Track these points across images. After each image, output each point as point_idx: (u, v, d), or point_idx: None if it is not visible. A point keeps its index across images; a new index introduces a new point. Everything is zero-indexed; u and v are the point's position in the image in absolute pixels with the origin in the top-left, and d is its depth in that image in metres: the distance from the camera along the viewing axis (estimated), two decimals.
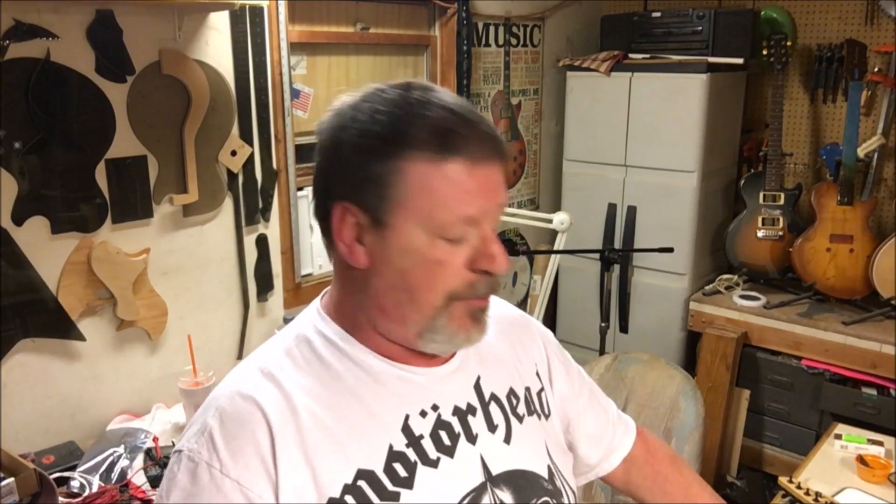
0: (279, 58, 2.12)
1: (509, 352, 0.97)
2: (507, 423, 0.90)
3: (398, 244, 0.77)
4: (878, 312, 2.55)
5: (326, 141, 0.80)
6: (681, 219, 2.81)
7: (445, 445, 0.83)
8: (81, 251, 1.77)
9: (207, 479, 0.74)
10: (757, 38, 2.75)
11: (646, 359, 2.01)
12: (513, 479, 0.87)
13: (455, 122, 0.76)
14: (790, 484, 1.66)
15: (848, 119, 2.62)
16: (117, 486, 1.58)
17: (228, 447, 0.75)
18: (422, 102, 0.76)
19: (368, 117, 0.76)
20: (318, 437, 0.77)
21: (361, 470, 0.77)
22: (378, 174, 0.75)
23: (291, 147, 2.21)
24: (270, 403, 0.77)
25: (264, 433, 0.75)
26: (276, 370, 0.81)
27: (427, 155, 0.74)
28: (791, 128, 2.95)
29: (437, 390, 0.85)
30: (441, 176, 0.74)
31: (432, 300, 0.78)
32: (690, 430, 1.84)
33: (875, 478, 1.73)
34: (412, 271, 0.77)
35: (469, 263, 0.78)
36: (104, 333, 1.86)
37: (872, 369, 2.43)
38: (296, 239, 2.27)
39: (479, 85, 2.86)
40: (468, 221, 0.76)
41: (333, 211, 0.79)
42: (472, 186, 0.75)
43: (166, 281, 1.96)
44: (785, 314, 2.63)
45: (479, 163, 0.76)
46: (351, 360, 0.82)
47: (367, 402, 0.81)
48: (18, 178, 1.65)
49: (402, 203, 0.75)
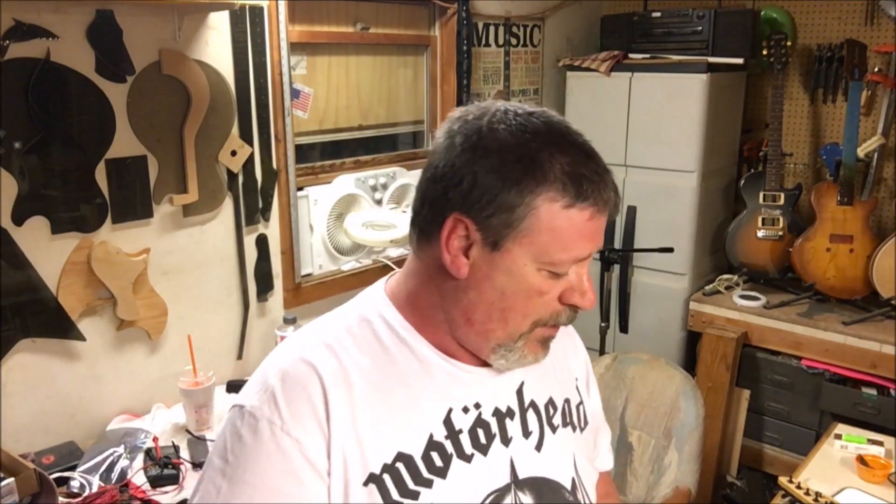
0: (279, 58, 2.12)
1: (554, 363, 0.99)
2: (541, 431, 0.94)
3: (506, 267, 0.80)
4: (878, 312, 2.55)
5: (453, 149, 0.81)
6: (681, 219, 2.81)
7: (481, 443, 0.87)
8: (81, 251, 1.77)
9: (268, 434, 0.77)
10: (757, 38, 2.75)
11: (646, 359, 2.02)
12: (537, 486, 0.90)
13: (588, 169, 0.79)
14: (790, 484, 1.66)
15: (848, 119, 2.61)
16: (117, 486, 1.58)
17: (289, 406, 0.79)
18: (561, 140, 0.80)
19: (509, 142, 0.78)
20: (367, 414, 0.81)
21: (401, 453, 0.81)
22: (509, 204, 0.78)
23: (291, 147, 2.21)
24: (329, 373, 0.81)
25: (321, 399, 0.79)
26: (336, 345, 0.84)
27: (560, 197, 0.78)
28: (791, 128, 2.95)
29: (482, 390, 0.89)
30: (567, 219, 0.78)
31: (521, 324, 0.83)
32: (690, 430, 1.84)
33: (875, 478, 1.74)
34: (512, 295, 0.82)
35: (561, 296, 0.84)
36: (104, 333, 1.86)
37: (872, 369, 2.43)
38: (296, 239, 2.27)
39: (479, 85, 2.86)
40: (575, 261, 0.82)
41: (447, 220, 0.81)
42: (589, 232, 0.81)
43: (166, 281, 1.96)
44: (785, 314, 2.63)
45: (600, 212, 0.80)
46: (407, 348, 0.86)
47: (415, 390, 0.85)
48: (18, 178, 1.65)
49: (525, 235, 0.79)
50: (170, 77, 1.86)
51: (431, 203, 0.83)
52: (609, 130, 2.92)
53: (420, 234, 0.86)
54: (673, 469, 1.83)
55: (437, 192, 0.82)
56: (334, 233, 2.42)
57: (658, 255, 2.61)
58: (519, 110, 0.82)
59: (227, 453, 0.80)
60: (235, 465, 0.78)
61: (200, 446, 1.76)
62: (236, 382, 2.10)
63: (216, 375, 1.90)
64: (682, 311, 2.86)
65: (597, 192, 0.79)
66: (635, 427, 1.94)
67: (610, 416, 1.96)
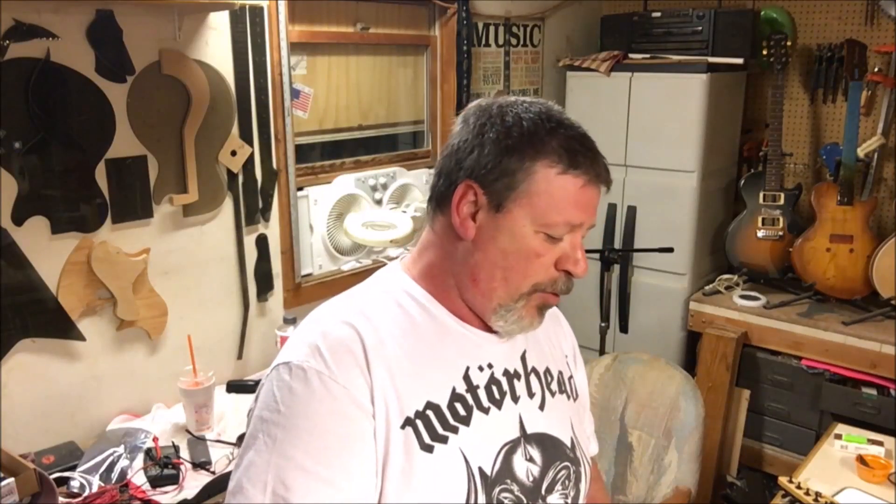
0: (279, 58, 2.12)
1: (547, 338, 1.11)
2: (543, 393, 1.04)
3: (508, 228, 0.90)
4: (878, 312, 2.55)
5: (468, 128, 0.93)
6: (681, 219, 2.81)
7: (495, 398, 0.96)
8: (81, 251, 1.77)
9: (318, 382, 0.84)
10: (757, 38, 2.75)
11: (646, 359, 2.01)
12: (542, 441, 1.00)
13: (582, 146, 0.91)
14: (790, 484, 1.66)
15: (848, 119, 2.62)
16: (117, 486, 1.58)
17: (334, 358, 0.85)
18: (560, 122, 0.91)
19: (514, 120, 0.90)
20: (400, 368, 0.89)
21: (430, 402, 0.90)
22: (511, 169, 0.89)
23: (291, 147, 2.21)
24: (366, 332, 0.89)
25: (361, 353, 0.87)
26: (368, 310, 0.93)
27: (556, 164, 0.89)
28: (791, 128, 2.95)
29: (492, 352, 0.98)
30: (561, 185, 0.89)
31: (521, 284, 0.92)
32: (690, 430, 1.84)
33: (875, 478, 1.74)
34: (512, 255, 0.91)
35: (557, 262, 0.93)
36: (104, 333, 1.86)
37: (872, 369, 2.43)
38: (296, 239, 2.27)
39: (479, 85, 2.86)
40: (569, 226, 0.91)
41: (459, 186, 0.91)
42: (581, 200, 0.90)
43: (166, 281, 1.96)
44: (785, 314, 2.63)
45: (591, 182, 0.90)
46: (427, 314, 0.95)
47: (437, 350, 0.94)
48: (18, 178, 1.65)
49: (524, 197, 0.89)
50: (170, 77, 1.86)
51: (447, 175, 0.94)
52: (609, 130, 2.92)
53: (436, 205, 0.96)
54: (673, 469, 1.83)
55: (451, 164, 0.93)
56: (334, 233, 2.42)
57: (658, 255, 2.61)
58: (526, 99, 0.94)
59: (278, 405, 0.84)
60: (289, 415, 0.83)
61: (200, 446, 1.76)
62: (236, 382, 2.10)
63: (216, 375, 1.90)
64: (682, 311, 2.86)
65: (588, 164, 0.90)
66: (635, 427, 1.94)
67: (610, 416, 1.96)
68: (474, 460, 0.90)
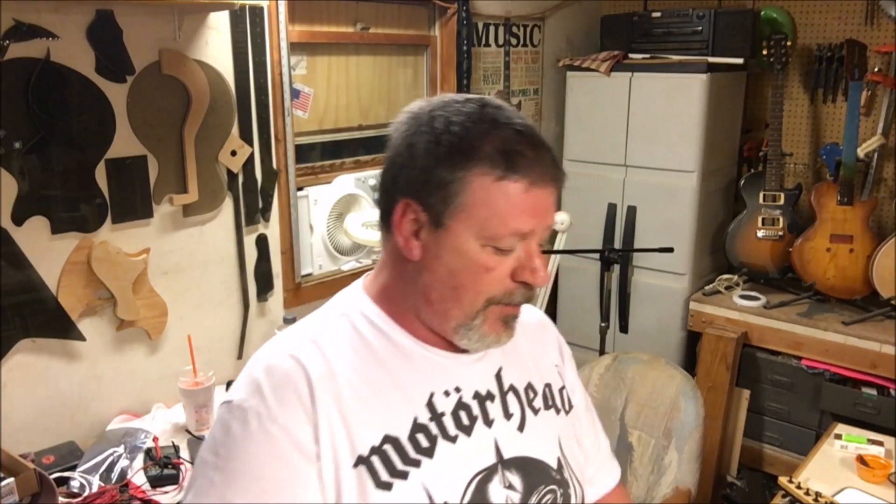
0: (279, 58, 2.12)
1: (531, 351, 1.04)
2: (523, 413, 0.97)
3: (452, 245, 0.83)
4: (878, 312, 2.55)
5: (400, 139, 0.86)
6: (681, 219, 2.81)
7: (464, 425, 0.90)
8: (81, 251, 1.77)
9: (256, 424, 0.80)
10: (757, 38, 2.75)
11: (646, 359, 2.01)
12: (523, 465, 0.93)
13: (521, 144, 0.82)
14: (790, 484, 1.66)
15: (848, 119, 2.61)
16: (117, 486, 1.58)
17: (276, 396, 0.81)
18: (494, 121, 0.83)
19: (443, 125, 0.83)
20: (353, 400, 0.84)
21: (388, 435, 0.84)
22: (444, 180, 0.82)
23: (291, 147, 2.21)
24: (313, 365, 0.84)
25: (306, 388, 0.82)
26: (319, 339, 0.88)
27: (491, 171, 0.81)
28: (791, 128, 2.95)
29: (461, 374, 0.92)
30: (501, 192, 0.81)
31: (474, 301, 0.85)
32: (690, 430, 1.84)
33: (875, 478, 1.73)
34: (460, 272, 0.84)
35: (512, 274, 0.86)
36: (104, 333, 1.86)
37: (872, 369, 2.43)
38: (296, 239, 2.27)
39: (479, 85, 2.86)
40: (518, 236, 0.84)
41: (397, 205, 0.85)
42: (527, 205, 0.82)
43: (166, 281, 1.96)
44: (785, 314, 2.63)
45: (535, 185, 0.82)
46: (386, 338, 0.90)
47: (397, 376, 0.88)
48: (18, 178, 1.65)
49: (462, 210, 0.82)
50: (170, 77, 1.86)
51: (386, 192, 0.88)
52: (609, 130, 2.92)
53: (382, 224, 0.90)
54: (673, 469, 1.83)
55: (389, 180, 0.87)
56: (334, 233, 2.42)
57: (658, 255, 2.61)
58: (459, 98, 0.86)
59: (217, 447, 0.82)
60: (227, 457, 0.81)
61: (200, 446, 1.76)
62: None
63: (216, 375, 1.90)
64: (682, 311, 2.86)
65: (529, 164, 0.81)
66: (635, 427, 1.93)
67: (610, 416, 1.96)
68: (439, 495, 0.84)
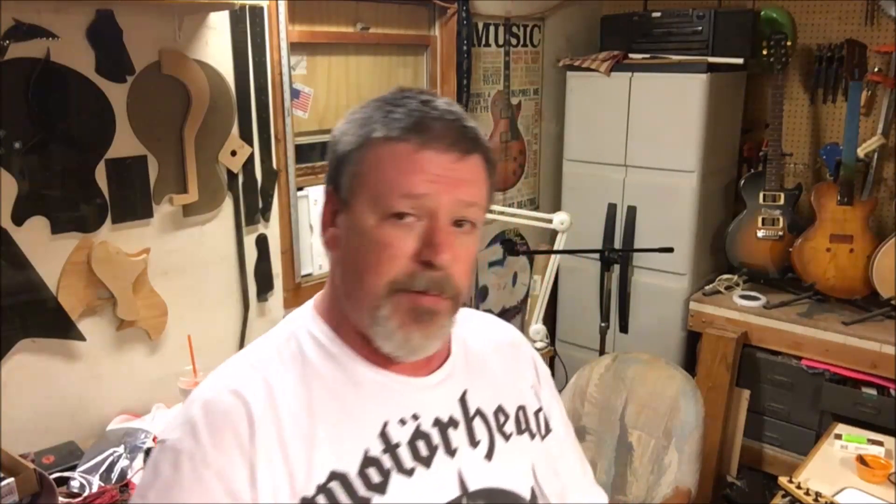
0: (279, 58, 2.12)
1: (503, 370, 0.96)
2: (491, 439, 0.89)
3: (354, 224, 0.80)
4: (878, 312, 2.55)
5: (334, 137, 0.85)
6: (681, 219, 2.81)
7: (422, 456, 0.82)
8: (81, 251, 1.77)
9: (189, 469, 0.74)
10: (757, 38, 2.75)
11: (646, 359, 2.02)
12: (491, 497, 0.86)
13: (424, 112, 0.78)
14: (790, 484, 1.66)
15: (848, 119, 2.61)
16: (117, 486, 1.58)
17: (211, 437, 0.75)
18: (404, 97, 0.80)
19: (358, 111, 0.82)
20: (296, 435, 0.77)
21: (335, 472, 0.77)
22: (347, 154, 0.80)
23: (291, 147, 2.21)
24: (255, 398, 0.78)
25: (245, 425, 0.76)
26: (264, 366, 0.81)
27: (388, 136, 0.78)
28: (791, 128, 2.95)
29: (419, 400, 0.85)
30: (390, 153, 0.77)
31: (377, 286, 0.78)
32: (690, 430, 1.84)
33: (875, 478, 1.74)
34: (362, 253, 0.79)
35: (416, 254, 0.78)
36: (104, 333, 1.86)
37: (872, 369, 2.43)
38: (296, 239, 2.27)
39: (479, 85, 2.86)
40: (411, 199, 0.77)
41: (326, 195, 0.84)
42: (418, 166, 0.77)
43: (166, 281, 1.96)
44: (785, 314, 2.63)
45: (428, 146, 0.77)
46: (334, 362, 0.83)
47: (346, 405, 0.81)
48: (18, 178, 1.65)
49: (360, 182, 0.79)
50: (170, 77, 1.86)
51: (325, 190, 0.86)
52: (609, 130, 2.92)
53: None
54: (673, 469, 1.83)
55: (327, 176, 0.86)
56: None
57: (658, 255, 2.61)
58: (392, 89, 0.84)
59: (147, 490, 0.77)
60: (155, 501, 0.76)
61: None
62: None
63: None
64: (682, 311, 2.86)
65: (429, 128, 0.77)
66: (635, 427, 1.94)
67: (610, 416, 1.96)
68: None
